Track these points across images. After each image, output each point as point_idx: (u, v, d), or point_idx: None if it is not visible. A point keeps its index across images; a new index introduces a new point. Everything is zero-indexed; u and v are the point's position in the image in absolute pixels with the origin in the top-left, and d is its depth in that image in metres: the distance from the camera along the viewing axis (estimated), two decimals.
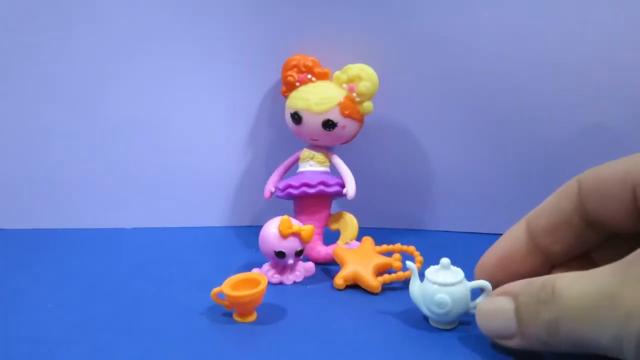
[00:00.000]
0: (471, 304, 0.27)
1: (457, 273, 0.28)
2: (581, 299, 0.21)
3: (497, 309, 0.25)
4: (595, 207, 0.25)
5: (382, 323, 0.29)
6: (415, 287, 0.29)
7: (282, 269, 0.34)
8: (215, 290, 0.29)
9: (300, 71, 0.37)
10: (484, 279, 0.27)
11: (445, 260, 0.28)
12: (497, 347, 0.26)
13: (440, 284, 0.27)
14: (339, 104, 0.36)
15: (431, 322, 0.29)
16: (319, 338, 0.27)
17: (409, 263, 0.29)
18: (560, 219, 0.26)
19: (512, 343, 0.25)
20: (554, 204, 0.26)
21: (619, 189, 0.24)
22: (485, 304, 0.26)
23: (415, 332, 0.28)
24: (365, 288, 0.33)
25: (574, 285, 0.22)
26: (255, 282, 0.29)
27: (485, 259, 0.28)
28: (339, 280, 0.33)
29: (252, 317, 0.29)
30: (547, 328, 0.22)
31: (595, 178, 0.25)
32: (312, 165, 0.38)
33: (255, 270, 0.34)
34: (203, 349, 0.26)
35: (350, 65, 0.37)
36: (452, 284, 0.27)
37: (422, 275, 0.29)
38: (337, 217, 0.38)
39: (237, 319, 0.29)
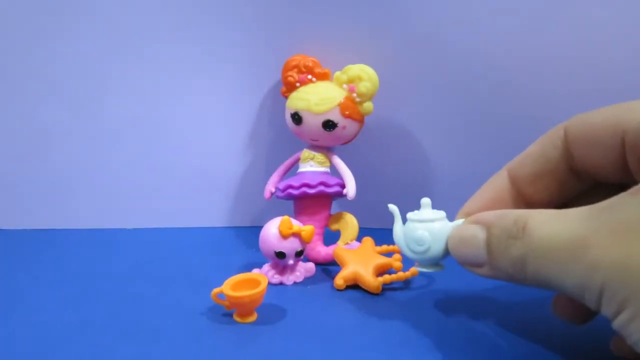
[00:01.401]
0: None
1: (438, 212, 0.28)
2: (550, 241, 0.21)
3: (469, 237, 0.25)
4: (581, 155, 0.24)
5: (382, 323, 0.29)
6: (397, 228, 0.29)
7: (282, 269, 0.34)
8: (216, 290, 0.29)
9: (300, 71, 0.37)
10: None
11: (425, 200, 0.28)
12: (499, 347, 0.26)
13: (419, 221, 0.27)
14: (339, 105, 0.36)
15: (416, 267, 0.28)
16: (319, 338, 0.27)
17: (390, 206, 0.29)
18: (544, 167, 0.26)
19: (481, 272, 0.25)
20: (538, 152, 0.26)
21: (608, 137, 0.23)
22: (458, 231, 0.26)
23: (415, 333, 0.28)
24: (366, 288, 0.33)
25: (545, 225, 0.21)
26: (255, 283, 0.29)
27: (467, 209, 0.28)
28: (339, 280, 0.33)
29: (253, 318, 0.29)
30: (514, 263, 0.22)
31: (583, 125, 0.24)
32: (312, 165, 0.38)
33: (255, 271, 0.34)
34: (203, 349, 0.26)
35: (350, 66, 0.37)
36: (432, 220, 0.27)
37: None
38: (338, 217, 0.38)
39: (238, 319, 0.29)
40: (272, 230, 0.33)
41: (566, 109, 0.38)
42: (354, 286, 0.33)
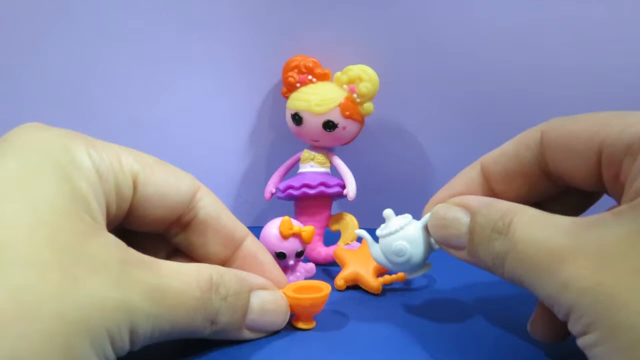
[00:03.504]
0: (432, 241, 0.27)
1: (404, 217, 0.28)
2: (531, 247, 0.21)
3: (451, 218, 0.24)
4: (555, 160, 0.24)
5: (382, 324, 0.29)
6: (374, 249, 0.29)
7: (282, 269, 0.34)
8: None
9: (301, 72, 0.38)
10: None
11: (387, 211, 0.28)
12: (501, 348, 0.26)
13: (390, 233, 0.27)
14: (340, 105, 0.36)
15: (407, 276, 0.28)
16: (319, 339, 0.27)
17: (357, 230, 0.30)
18: (517, 167, 0.25)
19: (459, 255, 0.24)
20: (512, 151, 0.26)
21: (585, 147, 0.23)
22: (442, 209, 0.25)
23: (416, 333, 0.28)
24: (366, 289, 0.33)
25: (529, 227, 0.21)
26: (317, 289, 0.28)
27: (438, 199, 0.27)
28: (340, 281, 0.33)
29: (311, 324, 0.28)
30: (494, 258, 0.22)
31: (560, 130, 0.24)
32: (312, 166, 0.38)
33: None
34: (203, 349, 0.26)
35: (350, 66, 0.37)
36: (402, 227, 0.27)
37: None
38: (338, 218, 0.38)
39: (298, 325, 0.28)
40: (272, 231, 0.33)
41: (566, 111, 0.38)
42: (355, 286, 0.33)
